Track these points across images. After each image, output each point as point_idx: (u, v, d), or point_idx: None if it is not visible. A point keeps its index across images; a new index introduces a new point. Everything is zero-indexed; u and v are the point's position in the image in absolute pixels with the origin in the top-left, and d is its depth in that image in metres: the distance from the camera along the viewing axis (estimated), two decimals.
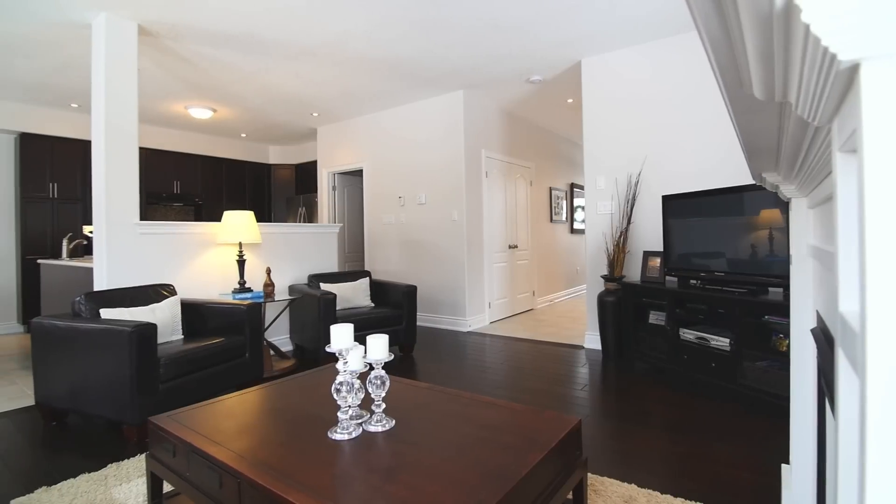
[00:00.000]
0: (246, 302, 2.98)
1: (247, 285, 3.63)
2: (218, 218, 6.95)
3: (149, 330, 2.33)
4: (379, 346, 1.46)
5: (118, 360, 2.29)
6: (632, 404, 2.81)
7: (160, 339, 2.68)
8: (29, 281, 5.23)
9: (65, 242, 4.23)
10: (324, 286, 3.91)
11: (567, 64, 4.33)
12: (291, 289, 4.03)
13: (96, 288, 3.18)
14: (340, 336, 1.46)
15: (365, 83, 4.78)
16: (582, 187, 7.98)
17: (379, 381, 1.47)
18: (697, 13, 0.46)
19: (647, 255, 3.72)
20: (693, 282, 3.25)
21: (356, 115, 5.97)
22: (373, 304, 4.08)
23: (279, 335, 4.16)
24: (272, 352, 3.73)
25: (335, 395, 1.44)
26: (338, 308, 3.74)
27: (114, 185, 3.20)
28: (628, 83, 3.96)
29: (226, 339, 2.80)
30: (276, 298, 3.58)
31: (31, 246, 5.27)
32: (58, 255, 5.25)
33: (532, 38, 3.77)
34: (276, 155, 7.87)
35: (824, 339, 0.94)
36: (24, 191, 5.26)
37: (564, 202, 7.44)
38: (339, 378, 1.45)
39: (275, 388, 1.92)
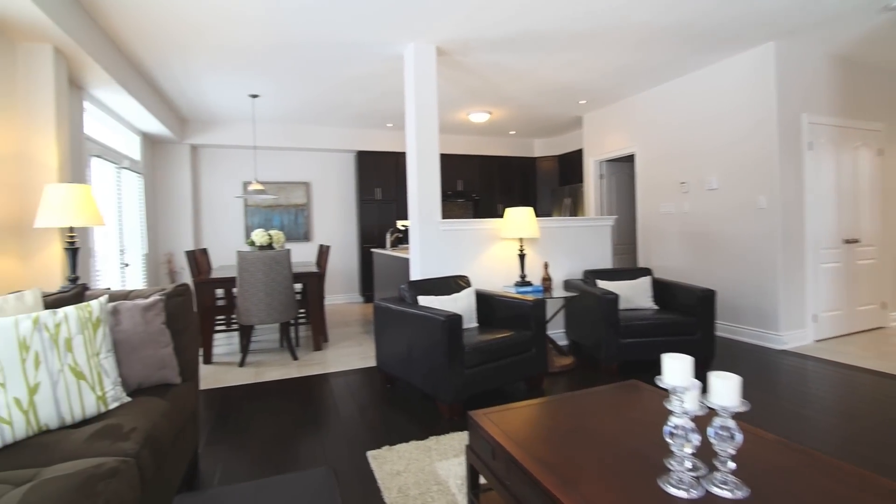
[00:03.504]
0: (531, 297, 3.06)
1: (527, 279, 3.77)
2: (491, 212, 7.67)
3: (457, 320, 2.62)
4: (727, 391, 1.18)
5: (433, 342, 2.67)
6: None
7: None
8: (364, 264, 6.88)
9: (388, 235, 5.33)
10: (600, 283, 3.72)
11: None
12: (567, 284, 3.99)
13: (411, 276, 3.84)
14: (675, 371, 1.24)
15: (641, 58, 4.28)
16: None
17: (727, 434, 1.18)
18: None
19: None
20: None
21: (627, 95, 5.48)
22: (656, 307, 3.66)
23: (554, 329, 4.21)
24: (550, 346, 3.78)
25: (668, 439, 1.23)
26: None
27: (423, 189, 3.77)
28: None
29: (515, 333, 2.94)
30: (553, 294, 3.59)
31: (366, 237, 6.90)
32: (383, 245, 6.71)
33: None
34: (540, 148, 8.05)
35: None
36: (361, 195, 6.90)
37: None
38: (674, 420, 1.23)
39: (580, 400, 1.85)
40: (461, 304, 3.18)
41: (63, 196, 2.69)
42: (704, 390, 1.37)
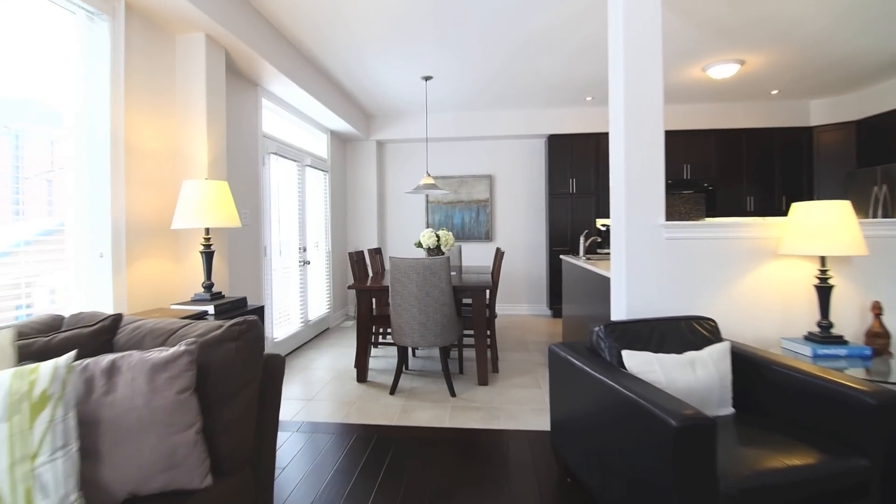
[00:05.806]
0: (865, 385, 1.47)
1: (833, 330, 2.08)
2: (735, 208, 5.51)
3: (707, 431, 1.30)
4: None
5: (652, 458, 1.41)
6: None
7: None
8: (553, 270, 5.70)
9: (581, 240, 4.07)
10: None
11: None
12: None
13: (612, 311, 2.54)
14: None
15: None
16: None
17: None
18: None
19: None
20: None
21: None
22: None
23: None
24: None
25: None
26: None
27: (634, 177, 2.44)
28: None
29: (829, 458, 1.42)
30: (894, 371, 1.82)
31: (556, 238, 5.72)
32: (575, 250, 5.44)
33: None
34: (819, 112, 5.47)
35: None
36: (551, 188, 5.74)
37: None
38: None
39: None
40: (704, 373, 1.78)
41: (198, 193, 2.38)
42: None
